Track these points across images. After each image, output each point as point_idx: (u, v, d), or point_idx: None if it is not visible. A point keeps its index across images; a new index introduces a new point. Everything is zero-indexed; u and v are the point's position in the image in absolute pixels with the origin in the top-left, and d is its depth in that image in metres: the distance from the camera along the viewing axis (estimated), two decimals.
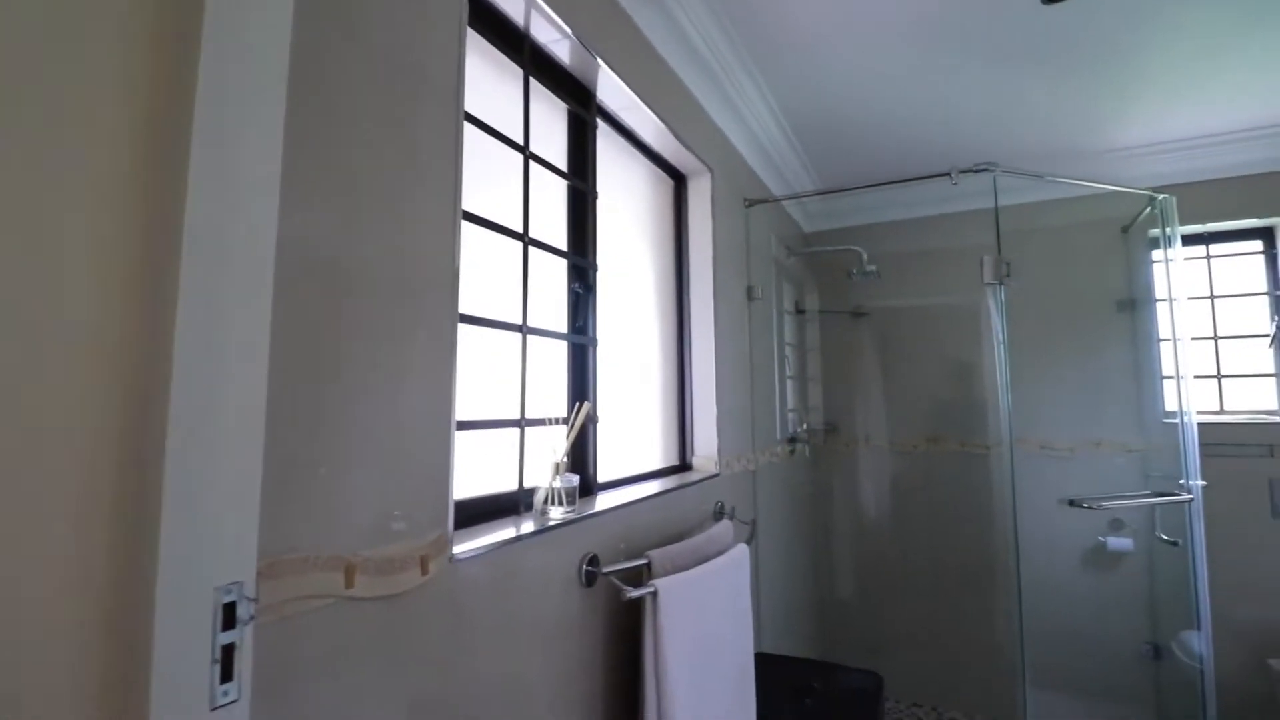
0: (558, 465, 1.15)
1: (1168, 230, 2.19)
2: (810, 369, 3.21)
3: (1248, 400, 2.51)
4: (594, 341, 1.43)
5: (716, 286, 1.96)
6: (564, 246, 1.40)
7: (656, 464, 1.79)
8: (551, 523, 1.07)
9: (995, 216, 1.93)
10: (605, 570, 1.13)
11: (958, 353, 2.89)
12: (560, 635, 1.06)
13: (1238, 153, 2.41)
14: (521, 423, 1.18)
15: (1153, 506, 2.31)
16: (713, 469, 1.87)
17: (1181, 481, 2.02)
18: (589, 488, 1.38)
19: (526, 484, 1.19)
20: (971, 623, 2.76)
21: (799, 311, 3.11)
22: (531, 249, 1.25)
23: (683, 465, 1.91)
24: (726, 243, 2.08)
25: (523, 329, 1.20)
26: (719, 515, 1.81)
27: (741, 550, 1.47)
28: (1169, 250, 2.14)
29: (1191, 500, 1.95)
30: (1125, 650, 2.52)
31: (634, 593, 1.10)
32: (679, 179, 1.99)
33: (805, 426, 3.12)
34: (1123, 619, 2.54)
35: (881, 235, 3.02)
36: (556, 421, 1.24)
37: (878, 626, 2.92)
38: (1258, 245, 2.52)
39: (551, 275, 1.37)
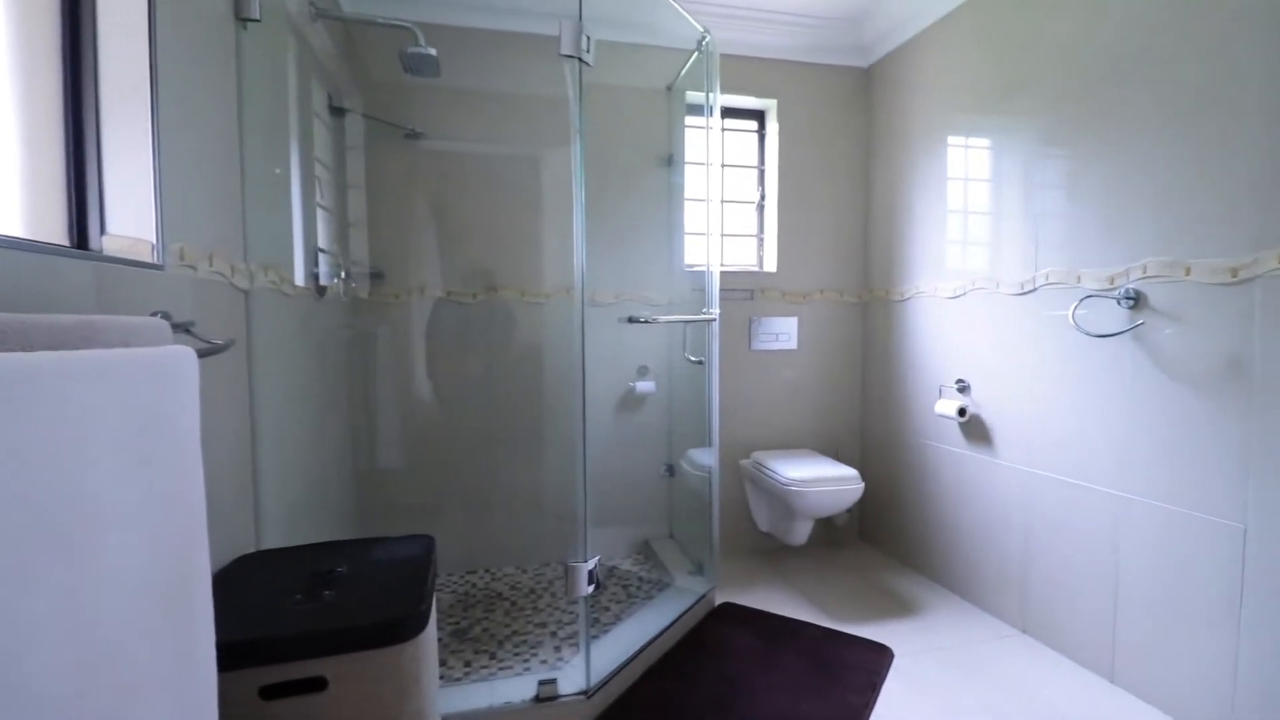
0: None
1: (710, 97, 2.32)
2: (354, 209, 2.50)
3: (738, 255, 3.02)
4: None
5: None
6: None
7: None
8: None
9: None
10: None
11: (520, 197, 2.64)
12: None
13: (759, 33, 2.73)
14: None
15: (683, 331, 2.55)
16: (148, 257, 1.07)
17: (705, 309, 2.23)
18: None
19: None
20: (524, 477, 2.68)
21: (336, 111, 2.32)
22: None
23: (80, 245, 1.04)
24: None
25: None
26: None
27: (180, 355, 0.79)
28: (711, 98, 2.25)
29: (714, 320, 2.16)
30: (648, 475, 2.84)
31: None
32: None
33: (344, 274, 2.44)
34: (647, 449, 2.85)
35: (441, 41, 2.45)
36: None
37: (431, 495, 2.58)
38: (754, 125, 2.98)
39: None
